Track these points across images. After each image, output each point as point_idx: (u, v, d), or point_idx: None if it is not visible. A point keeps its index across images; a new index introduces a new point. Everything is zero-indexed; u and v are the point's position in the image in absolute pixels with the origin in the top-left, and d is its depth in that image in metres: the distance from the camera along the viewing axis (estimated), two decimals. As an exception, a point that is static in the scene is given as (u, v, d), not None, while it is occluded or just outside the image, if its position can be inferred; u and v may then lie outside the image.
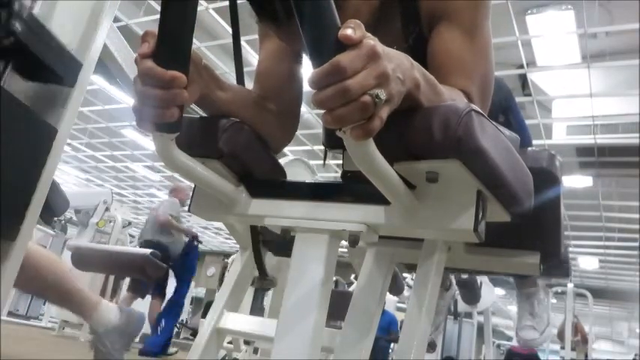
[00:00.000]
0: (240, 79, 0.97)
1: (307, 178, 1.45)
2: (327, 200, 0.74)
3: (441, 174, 0.67)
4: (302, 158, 1.48)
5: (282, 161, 1.00)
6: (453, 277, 2.22)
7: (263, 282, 1.27)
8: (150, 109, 0.63)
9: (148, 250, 2.72)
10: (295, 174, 1.36)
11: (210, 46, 5.27)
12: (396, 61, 0.57)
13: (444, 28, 0.83)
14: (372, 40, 0.53)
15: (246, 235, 1.17)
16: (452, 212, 0.67)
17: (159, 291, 4.89)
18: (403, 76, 0.57)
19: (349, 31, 0.51)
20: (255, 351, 2.56)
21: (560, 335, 6.90)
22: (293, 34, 0.77)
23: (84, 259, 2.92)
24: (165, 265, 4.83)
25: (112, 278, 4.66)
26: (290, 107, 0.97)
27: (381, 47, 0.54)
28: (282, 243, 0.80)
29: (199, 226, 13.44)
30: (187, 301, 10.38)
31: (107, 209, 3.71)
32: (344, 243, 0.76)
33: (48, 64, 0.81)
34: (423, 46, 0.85)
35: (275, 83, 0.95)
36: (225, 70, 5.42)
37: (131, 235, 4.81)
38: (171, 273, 4.54)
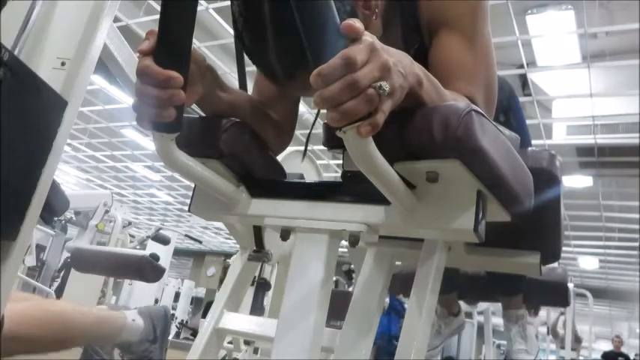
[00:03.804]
0: (242, 83, 0.97)
1: (306, 170, 1.45)
2: (327, 200, 0.74)
3: (441, 174, 0.67)
4: (301, 150, 1.46)
5: (280, 156, 1.00)
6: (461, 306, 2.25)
7: (258, 255, 1.20)
8: (147, 108, 0.63)
9: (146, 252, 2.71)
10: (294, 167, 1.35)
11: (210, 46, 5.27)
12: (397, 56, 0.58)
13: (444, 35, 0.83)
14: (369, 37, 0.54)
15: (247, 235, 1.17)
16: (452, 212, 0.68)
17: None
18: (404, 71, 0.58)
19: (352, 22, 0.52)
20: (255, 351, 2.55)
21: (554, 333, 6.90)
22: (293, 90, 0.82)
23: (83, 261, 2.92)
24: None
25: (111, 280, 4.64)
26: (286, 116, 0.98)
27: (379, 43, 0.55)
28: None
29: (199, 225, 13.46)
30: (187, 300, 10.41)
31: (107, 211, 3.70)
32: (344, 243, 0.76)
33: (34, 106, 0.82)
34: (425, 56, 0.85)
35: (272, 91, 0.96)
36: (226, 70, 5.42)
37: (131, 235, 4.80)
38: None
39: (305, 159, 1.42)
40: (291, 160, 1.37)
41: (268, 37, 0.72)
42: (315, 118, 0.99)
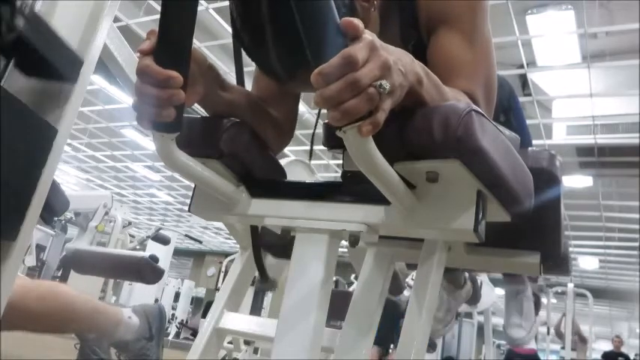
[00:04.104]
0: (240, 79, 0.97)
1: (307, 179, 1.45)
2: (327, 200, 0.74)
3: (441, 174, 0.67)
4: (303, 159, 1.47)
5: (281, 162, 1.00)
6: (467, 275, 2.23)
7: (264, 285, 1.26)
8: (147, 108, 0.63)
9: (146, 254, 2.71)
10: (295, 175, 1.36)
11: (210, 46, 5.27)
12: (397, 54, 0.58)
13: (443, 33, 0.83)
14: (369, 36, 0.54)
15: (247, 235, 1.17)
16: (452, 212, 0.67)
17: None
18: (404, 70, 0.58)
19: (351, 19, 0.53)
20: (255, 351, 2.56)
21: (559, 333, 6.90)
22: (294, 87, 0.81)
23: (82, 263, 2.92)
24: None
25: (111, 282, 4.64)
26: (286, 114, 0.97)
27: (379, 41, 0.55)
28: (282, 246, 0.80)
29: (199, 225, 13.45)
30: (187, 300, 10.41)
31: (107, 213, 3.70)
32: (344, 243, 0.76)
33: (50, 61, 0.80)
34: (423, 52, 0.85)
35: (271, 90, 0.95)
36: (226, 70, 5.42)
37: (131, 235, 4.80)
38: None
39: (299, 165, 1.42)
40: (289, 170, 1.37)
41: (267, 35, 0.72)
42: (317, 119, 0.98)
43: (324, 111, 0.55)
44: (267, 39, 0.72)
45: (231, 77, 0.89)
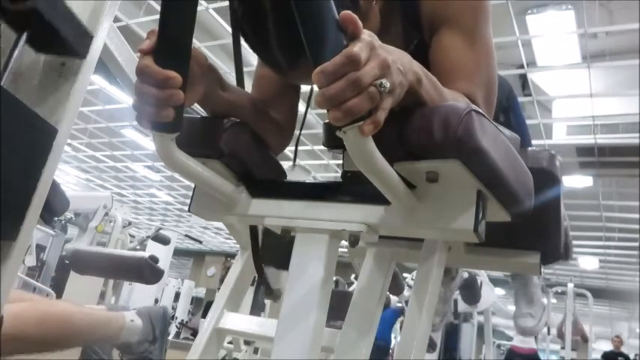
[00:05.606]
0: (240, 80, 0.97)
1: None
2: (328, 200, 0.74)
3: (441, 174, 0.67)
4: (303, 166, 1.48)
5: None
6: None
7: (270, 296, 1.30)
8: (147, 108, 0.63)
9: (146, 254, 2.71)
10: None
11: (210, 46, 5.27)
12: (396, 54, 0.58)
13: (445, 34, 0.83)
14: (368, 36, 0.54)
15: (247, 235, 1.17)
16: (452, 212, 0.68)
17: None
18: (404, 69, 0.58)
19: (350, 13, 0.52)
20: (256, 351, 2.56)
21: (560, 334, 6.89)
22: (295, 79, 0.81)
23: (82, 263, 2.92)
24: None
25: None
26: (286, 114, 0.97)
27: (378, 41, 0.55)
28: (282, 255, 0.80)
29: (199, 225, 13.45)
30: (187, 300, 10.40)
31: (107, 213, 3.69)
32: (344, 243, 0.76)
33: (62, 35, 0.80)
34: (425, 52, 0.85)
35: (272, 89, 0.95)
36: (226, 70, 5.42)
37: (131, 235, 4.79)
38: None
39: (298, 169, 1.44)
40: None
41: (269, 24, 0.71)
42: (306, 110, 0.98)
43: (322, 111, 0.55)
44: (268, 27, 0.71)
45: (231, 77, 0.89)
